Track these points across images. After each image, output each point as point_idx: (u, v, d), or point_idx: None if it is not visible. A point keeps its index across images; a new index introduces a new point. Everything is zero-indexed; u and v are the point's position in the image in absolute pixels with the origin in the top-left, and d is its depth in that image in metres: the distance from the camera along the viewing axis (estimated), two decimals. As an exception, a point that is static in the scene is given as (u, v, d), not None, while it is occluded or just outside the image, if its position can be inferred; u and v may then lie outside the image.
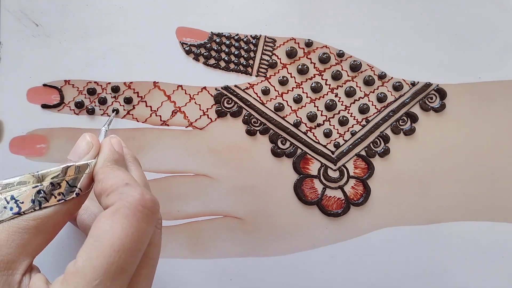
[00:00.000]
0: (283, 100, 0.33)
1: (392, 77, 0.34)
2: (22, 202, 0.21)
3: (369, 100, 0.34)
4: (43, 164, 0.32)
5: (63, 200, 0.22)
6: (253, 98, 0.33)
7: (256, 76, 0.33)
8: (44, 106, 0.32)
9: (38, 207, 0.21)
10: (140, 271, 0.21)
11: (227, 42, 0.33)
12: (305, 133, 0.33)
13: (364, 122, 0.33)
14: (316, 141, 0.33)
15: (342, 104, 0.33)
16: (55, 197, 0.22)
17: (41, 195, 0.21)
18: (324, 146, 0.33)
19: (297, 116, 0.33)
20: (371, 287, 0.33)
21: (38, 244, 0.21)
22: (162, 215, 0.32)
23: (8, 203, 0.21)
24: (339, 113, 0.33)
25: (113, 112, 0.32)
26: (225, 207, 0.33)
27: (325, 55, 0.33)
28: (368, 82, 0.33)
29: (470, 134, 0.33)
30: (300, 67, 0.33)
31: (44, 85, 0.32)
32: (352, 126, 0.33)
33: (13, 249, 0.20)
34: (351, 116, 0.33)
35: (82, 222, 0.27)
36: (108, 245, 0.19)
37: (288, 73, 0.33)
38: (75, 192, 0.22)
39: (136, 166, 0.25)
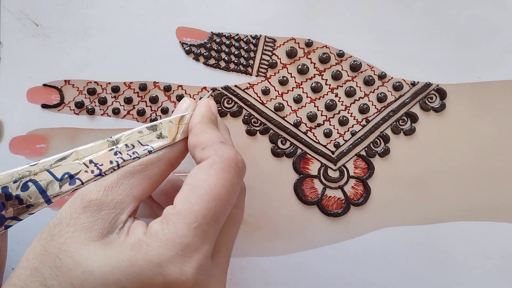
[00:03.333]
0: (283, 100, 0.33)
1: (392, 77, 0.34)
2: (102, 164, 0.23)
3: (369, 100, 0.34)
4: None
5: (137, 158, 0.23)
6: (253, 98, 0.33)
7: (256, 76, 0.33)
8: (44, 106, 0.32)
9: (117, 167, 0.23)
10: (227, 228, 0.22)
11: (227, 42, 0.33)
12: (305, 133, 0.33)
13: (364, 122, 0.34)
14: (316, 141, 0.33)
15: (342, 104, 0.33)
16: (130, 156, 0.23)
17: (118, 156, 0.23)
18: (324, 146, 0.33)
19: (297, 116, 0.33)
20: (371, 287, 0.33)
21: (144, 189, 0.23)
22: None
23: (87, 167, 0.23)
24: (339, 113, 0.33)
25: (210, 91, 0.33)
26: (225, 207, 0.33)
27: (325, 55, 0.33)
28: (368, 82, 0.33)
29: (470, 134, 0.33)
30: (300, 67, 0.33)
31: (44, 85, 0.32)
32: (352, 126, 0.33)
33: (121, 191, 0.22)
34: (351, 116, 0.33)
35: (158, 190, 0.28)
36: (206, 192, 0.20)
37: (288, 73, 0.33)
38: (147, 150, 0.23)
39: (227, 134, 0.26)
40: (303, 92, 0.33)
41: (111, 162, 0.23)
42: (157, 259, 0.19)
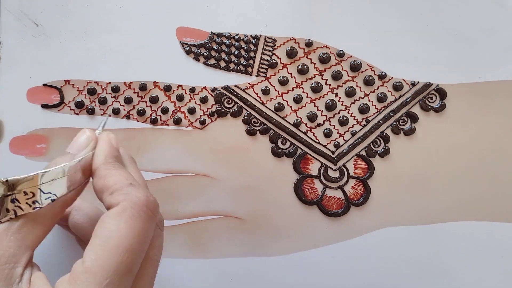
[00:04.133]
0: (283, 100, 0.33)
1: (392, 77, 0.34)
2: None
3: (369, 100, 0.34)
4: (43, 164, 0.32)
5: (38, 208, 0.21)
6: (253, 98, 0.33)
7: (256, 76, 0.33)
8: (44, 106, 0.32)
9: (13, 216, 0.20)
10: (143, 272, 0.21)
11: (227, 42, 0.33)
12: (305, 133, 0.33)
13: (364, 122, 0.34)
14: (316, 141, 0.33)
15: (342, 104, 0.33)
16: (30, 206, 0.21)
17: (15, 204, 0.20)
18: (324, 146, 0.33)
19: (297, 116, 0.33)
20: (371, 287, 0.33)
21: (37, 236, 0.21)
22: (162, 215, 0.32)
23: None
24: (339, 113, 0.33)
25: (102, 123, 0.31)
26: (225, 207, 0.33)
27: (325, 55, 0.33)
28: (368, 82, 0.33)
29: (470, 134, 0.33)
30: (300, 67, 0.33)
31: (44, 85, 0.32)
32: (352, 126, 0.33)
33: (12, 242, 0.20)
34: (351, 116, 0.33)
35: (75, 223, 0.27)
36: (116, 245, 0.19)
37: (288, 73, 0.33)
38: (50, 199, 0.21)
39: (134, 167, 0.25)
40: (303, 92, 0.33)
41: (7, 211, 0.20)
42: None
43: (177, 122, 0.33)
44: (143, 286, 0.21)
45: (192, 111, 0.33)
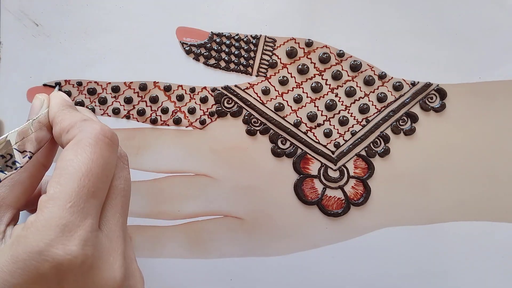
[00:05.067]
0: (283, 100, 0.33)
1: (392, 77, 0.34)
2: None
3: (369, 100, 0.34)
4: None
5: (20, 167, 0.22)
6: (253, 98, 0.33)
7: (256, 76, 0.33)
8: (44, 106, 0.32)
9: None
10: (110, 201, 0.21)
11: (227, 42, 0.33)
12: (305, 133, 0.33)
13: (364, 122, 0.34)
14: (316, 141, 0.33)
15: (342, 104, 0.33)
16: (11, 168, 0.22)
17: None
18: (324, 146, 0.33)
19: (297, 116, 0.33)
20: (371, 287, 0.33)
21: (17, 195, 0.22)
22: (162, 215, 0.32)
23: None
24: (339, 113, 0.33)
25: (56, 85, 0.32)
26: (225, 207, 0.33)
27: (325, 55, 0.33)
28: (368, 82, 0.33)
29: (470, 134, 0.33)
30: (300, 67, 0.33)
31: (44, 85, 0.32)
32: (352, 126, 0.33)
33: None
34: (351, 116, 0.33)
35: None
36: (75, 171, 0.20)
37: (288, 73, 0.33)
38: (27, 156, 0.22)
39: (92, 115, 0.26)
40: (303, 92, 0.33)
41: None
42: (36, 247, 0.18)
43: (177, 122, 0.33)
44: (113, 214, 0.21)
45: (192, 111, 0.33)
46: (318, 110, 0.33)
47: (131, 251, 0.23)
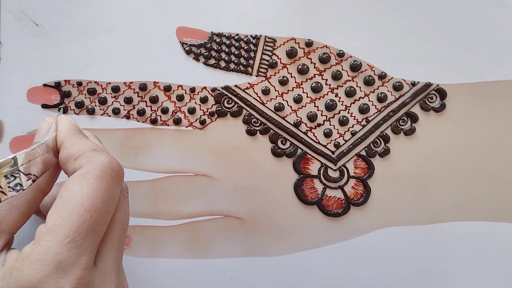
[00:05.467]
0: (283, 100, 0.33)
1: (392, 77, 0.34)
2: None
3: (369, 100, 0.34)
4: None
5: (21, 190, 0.21)
6: (253, 98, 0.33)
7: (256, 76, 0.33)
8: (44, 106, 0.32)
9: None
10: (109, 234, 0.21)
11: (227, 42, 0.33)
12: (305, 133, 0.33)
13: (364, 122, 0.34)
14: (316, 141, 0.33)
15: (342, 104, 0.33)
16: (13, 189, 0.21)
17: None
18: (324, 146, 0.33)
19: (297, 116, 0.33)
20: (371, 287, 0.33)
21: (13, 220, 0.22)
22: (162, 215, 0.32)
23: None
24: (339, 113, 0.33)
25: (59, 110, 0.32)
26: (225, 207, 0.33)
27: (325, 55, 0.33)
28: (368, 82, 0.33)
29: (470, 134, 0.33)
30: (300, 67, 0.33)
31: (44, 85, 0.32)
32: (352, 126, 0.33)
33: None
34: (351, 116, 0.33)
35: (46, 206, 0.27)
36: (78, 204, 0.19)
37: (288, 73, 0.33)
38: (31, 179, 0.22)
39: (99, 142, 0.25)
40: (303, 92, 0.33)
41: None
42: (29, 282, 0.18)
43: (177, 122, 0.33)
44: (110, 249, 0.21)
45: (192, 111, 0.33)
46: (318, 110, 0.33)
47: (125, 285, 0.22)
